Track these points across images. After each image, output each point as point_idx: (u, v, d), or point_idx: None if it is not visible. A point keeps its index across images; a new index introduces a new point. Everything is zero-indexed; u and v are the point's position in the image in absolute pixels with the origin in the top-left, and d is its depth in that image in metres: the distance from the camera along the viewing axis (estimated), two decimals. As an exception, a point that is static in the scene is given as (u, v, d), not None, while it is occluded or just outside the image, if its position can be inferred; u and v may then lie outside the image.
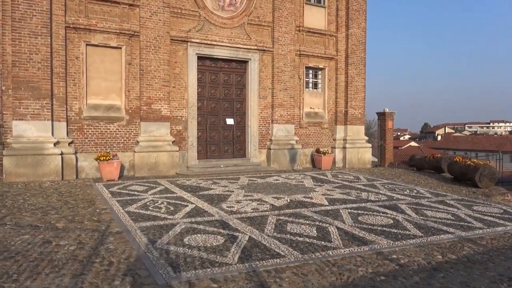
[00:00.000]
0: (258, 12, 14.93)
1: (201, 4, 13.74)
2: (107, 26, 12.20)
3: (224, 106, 14.74)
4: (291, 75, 15.47)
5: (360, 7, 16.91)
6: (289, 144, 15.34)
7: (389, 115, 18.84)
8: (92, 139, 12.18)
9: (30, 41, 10.99)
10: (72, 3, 11.77)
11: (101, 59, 12.39)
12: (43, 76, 11.16)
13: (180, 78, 13.52)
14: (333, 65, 16.85)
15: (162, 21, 12.88)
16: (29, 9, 10.97)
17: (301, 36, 15.95)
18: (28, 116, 11.05)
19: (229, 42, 14.26)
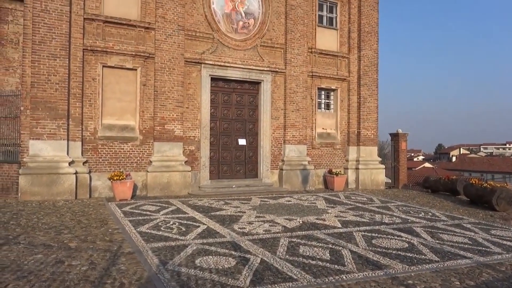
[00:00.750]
0: (271, 34, 15.15)
1: (215, 27, 14.02)
2: (123, 49, 12.50)
3: (237, 126, 14.82)
4: (303, 96, 15.54)
5: (372, 29, 17.04)
6: (301, 164, 15.28)
7: (402, 136, 18.66)
8: (106, 158, 12.32)
9: (49, 63, 11.31)
10: (90, 27, 12.12)
11: (117, 80, 12.65)
12: (60, 96, 11.42)
13: (194, 99, 13.69)
14: (346, 86, 16.90)
15: (176, 44, 13.15)
16: (49, 32, 11.33)
17: (314, 58, 16.09)
18: (45, 136, 11.26)
19: (242, 64, 14.45)
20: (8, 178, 11.49)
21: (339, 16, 16.85)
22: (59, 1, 11.41)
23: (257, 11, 14.94)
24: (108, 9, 12.43)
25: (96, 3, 12.23)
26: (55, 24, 11.36)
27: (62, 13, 11.45)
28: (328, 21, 16.76)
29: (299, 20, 15.44)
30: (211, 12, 13.99)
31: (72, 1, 11.72)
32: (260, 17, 14.96)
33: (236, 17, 14.55)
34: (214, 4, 14.09)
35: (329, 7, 16.74)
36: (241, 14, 14.64)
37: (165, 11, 12.98)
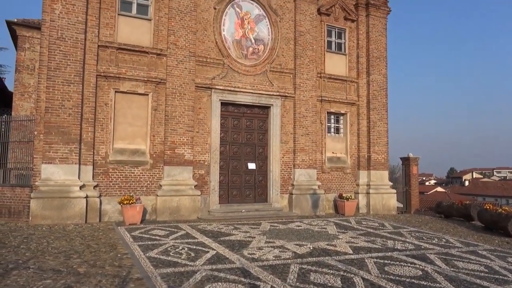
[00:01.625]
0: (280, 60, 15.37)
1: (225, 53, 14.28)
2: (135, 74, 12.77)
3: (246, 150, 14.86)
4: (312, 120, 15.58)
5: (381, 54, 17.20)
6: (311, 189, 15.17)
7: (413, 160, 18.50)
8: (116, 182, 12.39)
9: (63, 89, 11.57)
10: (104, 53, 12.44)
11: (129, 105, 12.86)
12: (73, 121, 11.62)
13: (204, 123, 13.82)
14: (355, 111, 16.93)
15: (187, 69, 13.39)
16: (64, 59, 11.64)
17: (323, 82, 16.22)
18: (57, 160, 11.41)
19: (251, 89, 14.61)
20: (20, 201, 11.59)
21: (348, 41, 17.06)
22: (75, 29, 11.77)
23: (266, 37, 15.22)
24: (122, 37, 12.78)
25: (110, 31, 12.59)
26: (70, 51, 11.69)
27: (77, 40, 11.80)
28: (336, 46, 16.97)
29: (308, 46, 15.67)
30: (221, 39, 14.29)
31: (87, 29, 12.08)
32: (269, 43, 15.22)
33: (246, 43, 14.82)
34: (224, 31, 14.41)
35: (338, 33, 16.98)
36: (251, 40, 14.92)
37: (176, 38, 13.29)
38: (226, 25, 14.50)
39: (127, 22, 12.95)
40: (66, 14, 11.71)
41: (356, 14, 17.02)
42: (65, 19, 11.69)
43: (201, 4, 13.98)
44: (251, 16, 15.02)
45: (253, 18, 15.05)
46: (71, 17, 11.76)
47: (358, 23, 17.10)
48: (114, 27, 12.67)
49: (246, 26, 14.89)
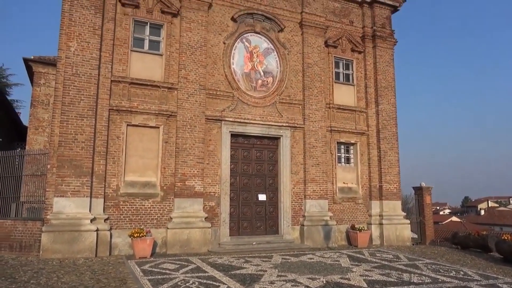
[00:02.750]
0: (289, 91, 15.56)
1: (235, 86, 14.53)
2: (147, 108, 13.00)
3: (257, 181, 14.81)
4: (322, 151, 15.56)
5: (389, 84, 17.32)
6: (323, 220, 14.95)
7: (426, 190, 18.21)
8: (127, 215, 12.38)
9: (76, 123, 11.81)
10: (117, 88, 12.75)
11: (140, 138, 13.02)
12: (85, 155, 11.78)
13: (214, 155, 13.88)
14: (365, 140, 16.89)
15: (198, 102, 13.61)
16: (78, 94, 11.95)
17: (332, 113, 16.30)
18: (69, 193, 11.49)
19: (261, 120, 14.74)
20: (31, 235, 11.61)
21: (355, 72, 17.26)
22: (89, 66, 12.14)
23: (275, 70, 15.49)
24: (134, 71, 13.12)
25: (123, 66, 12.95)
26: (84, 86, 12.01)
27: (91, 76, 12.14)
28: (344, 77, 17.16)
29: (316, 77, 15.88)
30: (231, 72, 14.58)
31: (101, 65, 12.45)
32: (278, 75, 15.48)
33: (255, 76, 15.09)
34: (234, 64, 14.72)
35: (345, 64, 17.21)
36: (260, 73, 15.20)
37: (187, 72, 13.60)
38: (236, 58, 14.83)
39: (139, 57, 13.33)
40: (81, 51, 12.12)
41: (363, 46, 17.30)
42: (80, 56, 12.09)
43: (211, 39, 14.37)
44: (260, 49, 15.36)
45: (262, 52, 15.38)
46: (86, 54, 12.17)
47: (365, 54, 17.34)
48: (127, 62, 13.05)
49: (255, 59, 15.20)
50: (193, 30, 13.87)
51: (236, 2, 15.00)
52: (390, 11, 17.99)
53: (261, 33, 15.37)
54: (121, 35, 13.06)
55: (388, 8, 17.83)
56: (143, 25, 13.56)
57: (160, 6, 13.60)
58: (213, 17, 14.53)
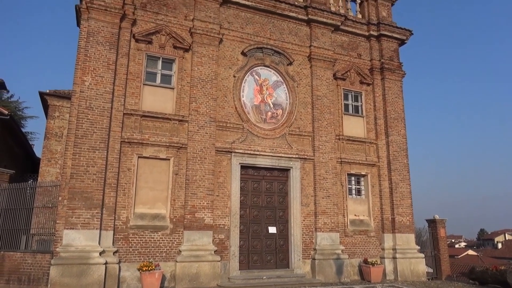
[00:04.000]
0: (299, 123, 15.65)
1: (245, 118, 14.68)
2: (158, 140, 13.15)
3: (267, 214, 14.67)
4: (333, 182, 15.44)
5: (398, 115, 17.32)
6: (335, 253, 14.63)
7: (440, 222, 17.81)
8: (136, 248, 12.28)
9: (88, 155, 11.96)
10: (129, 121, 12.97)
11: (150, 170, 13.10)
12: (96, 187, 11.85)
13: (224, 187, 13.86)
14: (376, 172, 16.74)
15: (208, 134, 13.74)
16: (91, 127, 12.17)
17: (341, 144, 16.28)
18: (79, 225, 11.48)
19: (271, 152, 14.77)
20: (40, 268, 11.54)
21: (364, 104, 17.34)
22: (102, 99, 12.43)
23: (284, 102, 15.66)
24: (146, 104, 13.38)
25: (136, 100, 13.22)
26: (97, 119, 12.25)
27: (104, 109, 12.40)
28: (353, 109, 17.25)
29: (325, 109, 15.99)
30: (241, 104, 14.77)
31: (114, 98, 12.73)
32: (287, 107, 15.63)
33: (265, 108, 15.26)
34: (244, 97, 14.94)
35: (354, 96, 17.34)
36: (270, 105, 15.37)
37: (198, 105, 13.82)
38: (246, 91, 15.07)
39: (151, 91, 13.63)
40: (95, 85, 12.45)
41: (372, 78, 17.47)
42: (94, 90, 12.40)
43: (221, 73, 14.67)
44: (270, 82, 15.61)
45: (271, 84, 15.62)
46: (100, 88, 12.48)
47: (374, 86, 17.47)
48: (139, 96, 13.33)
49: (265, 92, 15.42)
50: (204, 64, 14.20)
51: (246, 37, 15.40)
52: (398, 44, 18.26)
53: (271, 66, 15.66)
54: (134, 70, 13.41)
55: (395, 41, 18.11)
56: (156, 60, 13.95)
57: (173, 41, 14.02)
58: (223, 51, 14.90)
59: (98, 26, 12.84)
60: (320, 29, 16.65)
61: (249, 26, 15.60)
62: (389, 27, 17.79)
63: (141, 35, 13.58)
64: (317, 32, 16.60)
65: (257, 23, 15.76)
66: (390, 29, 17.80)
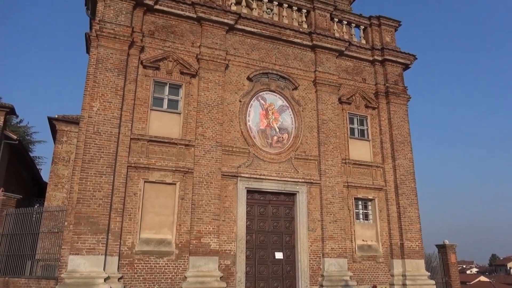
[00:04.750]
0: (304, 147, 15.66)
1: (251, 142, 14.73)
2: (164, 165, 13.20)
3: (273, 239, 14.50)
4: (340, 207, 15.29)
5: (404, 139, 17.28)
6: (343, 280, 14.33)
7: (450, 248, 17.49)
8: (141, 274, 12.13)
9: (95, 180, 12.01)
10: (136, 145, 13.06)
11: (156, 195, 13.09)
12: (102, 212, 11.84)
13: (230, 212, 13.77)
14: (383, 196, 16.57)
15: (214, 159, 13.77)
16: (98, 152, 12.27)
17: (348, 168, 16.20)
18: (84, 251, 11.41)
19: (277, 176, 14.73)
20: (44, 295, 11.42)
21: (370, 128, 17.35)
22: (110, 124, 12.57)
23: (290, 126, 15.72)
24: (153, 129, 13.50)
25: (143, 125, 13.36)
26: (104, 144, 12.36)
27: (112, 134, 12.53)
28: (359, 133, 17.26)
29: (331, 133, 16.01)
30: (247, 129, 14.86)
31: (121, 123, 12.87)
32: (293, 131, 15.68)
33: (271, 132, 15.33)
34: (249, 121, 15.04)
35: (360, 120, 17.38)
36: (275, 129, 15.44)
37: (204, 129, 13.92)
38: (251, 116, 15.18)
39: (158, 116, 13.78)
40: (103, 111, 12.62)
41: (377, 102, 17.54)
42: (101, 115, 12.57)
43: (227, 98, 14.83)
44: (275, 107, 15.73)
45: (277, 109, 15.74)
46: (107, 113, 12.65)
47: (379, 110, 17.51)
48: (146, 121, 13.48)
49: (271, 116, 15.52)
50: (210, 89, 14.39)
51: (252, 63, 15.64)
52: (402, 68, 18.40)
53: (276, 91, 15.82)
54: (142, 95, 13.62)
55: (399, 65, 18.26)
56: (163, 85, 14.16)
57: (180, 67, 14.27)
58: (229, 77, 15.11)
59: (107, 53, 13.13)
60: (325, 54, 16.88)
61: (255, 52, 15.87)
62: (393, 52, 17.99)
63: (149, 61, 13.85)
64: (322, 57, 16.82)
65: (262, 49, 16.03)
66: (394, 54, 17.99)
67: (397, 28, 18.90)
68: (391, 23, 18.63)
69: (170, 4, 14.48)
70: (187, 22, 14.86)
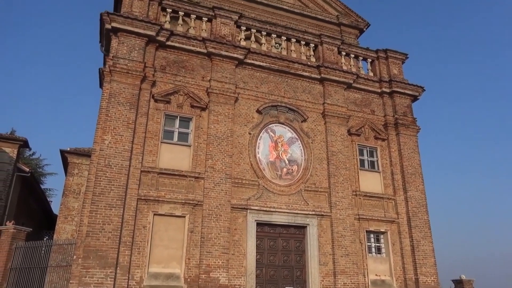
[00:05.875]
0: (314, 179, 15.57)
1: (260, 174, 14.71)
2: (174, 197, 13.19)
3: (284, 273, 14.18)
4: (351, 240, 14.99)
5: (416, 170, 17.10)
6: (356, 317, 13.85)
7: (467, 283, 16.90)
8: (149, 310, 11.88)
9: (105, 213, 12.01)
10: (146, 178, 13.12)
11: (166, 228, 13.01)
12: (111, 245, 11.76)
13: (239, 245, 13.58)
14: (395, 229, 16.22)
15: (224, 191, 13.74)
16: (109, 184, 12.34)
17: (359, 200, 16.00)
18: (92, 285, 11.27)
19: (287, 208, 14.59)
20: (50, 331, 11.19)
21: (380, 159, 17.24)
22: (121, 157, 12.71)
23: (299, 158, 15.71)
24: (163, 162, 13.59)
25: (153, 157, 13.48)
26: (115, 177, 12.44)
27: (122, 167, 12.63)
28: (369, 164, 17.14)
29: (341, 164, 15.94)
30: (256, 161, 14.88)
31: (132, 156, 13.00)
32: (303, 163, 15.65)
33: (280, 164, 15.32)
34: (259, 153, 15.08)
35: (370, 151, 17.30)
36: (285, 161, 15.43)
37: (214, 162, 13.97)
38: (261, 148, 15.23)
39: (168, 148, 13.91)
40: (115, 144, 12.79)
41: (386, 133, 17.51)
42: (113, 148, 12.72)
43: (237, 130, 14.96)
44: (284, 139, 15.80)
45: (286, 141, 15.79)
46: (119, 146, 12.81)
47: (389, 142, 17.45)
48: (157, 153, 13.60)
49: (280, 148, 15.56)
50: (220, 122, 14.55)
51: (261, 96, 15.86)
52: (411, 100, 18.46)
53: (285, 123, 15.94)
54: (153, 128, 13.81)
55: (408, 97, 18.33)
56: (173, 119, 14.38)
57: (190, 101, 14.52)
58: (239, 109, 15.30)
59: (120, 87, 13.46)
60: (333, 87, 17.08)
61: (264, 85, 16.12)
62: (401, 84, 18.12)
63: (160, 95, 14.14)
64: (330, 90, 17.01)
65: (271, 82, 16.29)
66: (402, 86, 18.12)
67: (404, 61, 19.13)
68: (398, 55, 18.88)
69: (181, 40, 14.93)
70: (198, 57, 15.25)
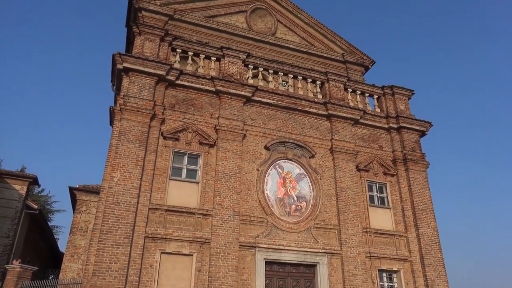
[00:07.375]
0: (323, 216, 15.35)
1: (269, 211, 14.56)
2: (181, 235, 13.03)
3: (293, 315, 13.71)
4: (363, 279, 14.54)
5: (427, 206, 16.80)
6: None
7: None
8: None
9: (112, 251, 11.87)
10: (154, 215, 13.05)
11: (173, 266, 12.77)
12: (118, 285, 11.54)
13: (248, 284, 13.24)
14: (408, 267, 15.74)
15: (232, 228, 13.57)
16: (116, 222, 12.28)
17: (369, 237, 15.66)
18: (97, 328, 10.97)
19: (296, 246, 14.31)
20: None
21: (390, 195, 17.01)
22: (129, 194, 12.71)
23: (308, 195, 15.57)
24: (171, 199, 13.55)
25: (161, 194, 13.46)
26: (123, 214, 12.40)
27: (130, 204, 12.61)
28: (379, 200, 16.91)
29: (350, 201, 15.75)
30: (264, 198, 14.77)
31: (140, 193, 13.00)
32: (311, 200, 15.49)
33: (289, 201, 15.18)
34: (267, 190, 15.00)
35: (379, 187, 17.11)
36: (293, 198, 15.30)
37: (222, 199, 13.90)
38: (269, 184, 15.16)
39: (176, 185, 13.91)
40: (123, 181, 12.84)
41: (395, 169, 17.36)
42: (121, 186, 12.76)
43: (245, 167, 14.97)
44: (293, 175, 15.74)
45: (295, 177, 15.72)
46: (127, 184, 12.85)
47: (399, 177, 17.27)
48: (165, 190, 13.59)
49: (288, 185, 15.47)
50: (228, 158, 14.60)
51: (269, 132, 15.97)
52: (419, 135, 18.44)
53: (293, 159, 15.93)
54: (161, 165, 13.88)
55: (415, 132, 18.32)
56: (182, 156, 14.47)
57: (198, 138, 14.66)
58: (247, 146, 15.38)
59: (130, 125, 13.67)
60: (340, 123, 17.18)
61: (272, 122, 16.27)
62: (408, 119, 18.16)
63: (169, 133, 14.31)
64: (338, 126, 17.10)
65: (279, 119, 16.45)
66: (409, 121, 18.15)
67: (411, 96, 19.26)
68: (404, 92, 19.05)
69: (190, 79, 15.28)
70: (207, 95, 15.53)
